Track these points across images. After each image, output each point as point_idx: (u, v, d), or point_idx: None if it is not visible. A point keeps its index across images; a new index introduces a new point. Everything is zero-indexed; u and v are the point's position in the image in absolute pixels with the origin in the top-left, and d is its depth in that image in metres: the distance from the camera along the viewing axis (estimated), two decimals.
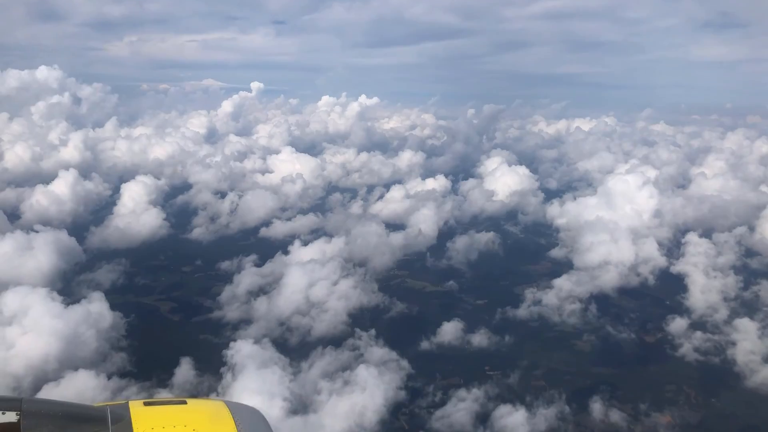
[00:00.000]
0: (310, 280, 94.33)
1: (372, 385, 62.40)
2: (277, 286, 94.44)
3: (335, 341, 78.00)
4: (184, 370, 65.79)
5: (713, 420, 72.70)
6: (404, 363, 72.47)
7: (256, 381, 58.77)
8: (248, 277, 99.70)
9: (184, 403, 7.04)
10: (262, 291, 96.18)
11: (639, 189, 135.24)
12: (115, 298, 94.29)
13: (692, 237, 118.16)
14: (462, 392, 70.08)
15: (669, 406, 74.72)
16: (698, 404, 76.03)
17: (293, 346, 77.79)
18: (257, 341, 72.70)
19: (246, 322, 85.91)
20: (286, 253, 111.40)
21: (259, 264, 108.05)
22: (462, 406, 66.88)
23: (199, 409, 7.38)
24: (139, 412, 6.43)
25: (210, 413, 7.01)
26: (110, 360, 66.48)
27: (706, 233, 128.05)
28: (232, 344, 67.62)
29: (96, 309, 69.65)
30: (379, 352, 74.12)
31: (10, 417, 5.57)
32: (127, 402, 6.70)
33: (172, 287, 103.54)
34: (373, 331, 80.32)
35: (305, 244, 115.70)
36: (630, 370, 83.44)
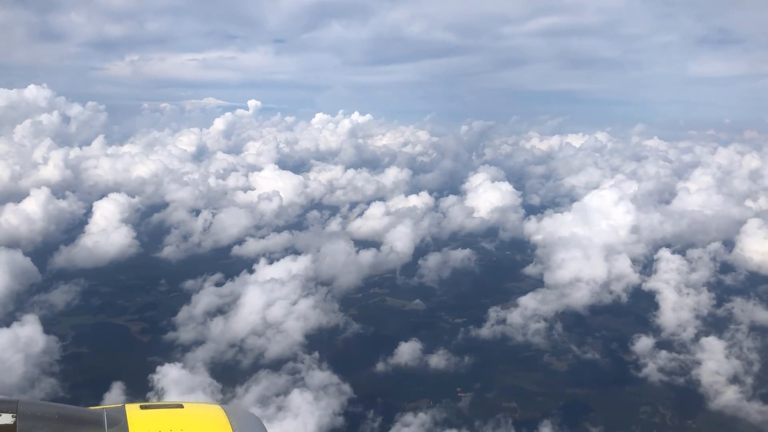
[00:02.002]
0: (269, 299, 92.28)
1: (305, 411, 59.96)
2: (235, 306, 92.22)
3: (276, 365, 75.56)
4: (114, 395, 63.44)
5: None
6: (346, 387, 69.80)
7: None
8: (207, 297, 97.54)
9: (181, 407, 6.96)
10: (219, 311, 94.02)
11: (615, 205, 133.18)
12: (67, 319, 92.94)
13: (665, 253, 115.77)
14: (409, 417, 67.55)
15: (639, 428, 72.35)
16: (668, 426, 73.39)
17: (241, 369, 75.42)
18: (198, 365, 70.40)
19: (198, 343, 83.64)
20: (251, 272, 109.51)
21: (223, 283, 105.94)
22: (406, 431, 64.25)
23: (195, 413, 7.22)
24: (135, 415, 6.36)
25: (206, 417, 6.94)
26: (38, 386, 64.23)
27: (684, 249, 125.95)
28: (159, 368, 65.37)
29: (27, 333, 67.37)
30: (320, 375, 71.62)
31: (6, 419, 5.47)
32: (124, 406, 6.63)
33: (129, 308, 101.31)
34: (316, 354, 77.77)
35: (271, 262, 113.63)
36: (594, 391, 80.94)
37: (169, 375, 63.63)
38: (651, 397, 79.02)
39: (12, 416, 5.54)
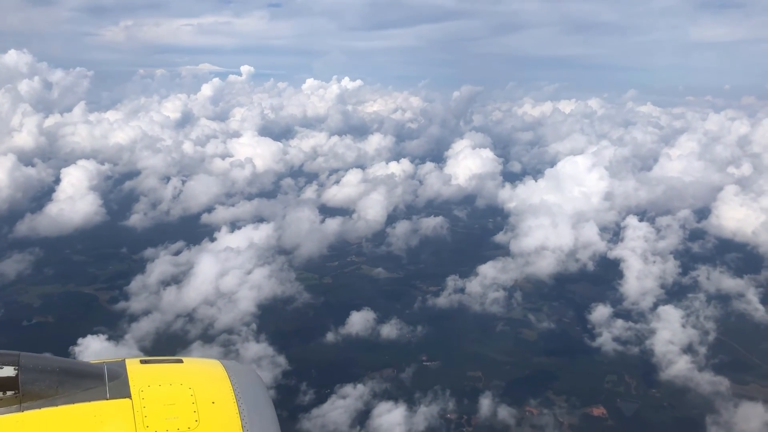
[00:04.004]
0: (223, 268, 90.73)
1: None
2: (188, 276, 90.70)
3: (216, 337, 74.24)
4: None
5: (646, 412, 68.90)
6: (281, 359, 68.45)
7: None
8: (162, 265, 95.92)
9: (180, 361, 6.97)
10: (174, 280, 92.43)
11: (589, 171, 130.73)
12: (15, 289, 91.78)
13: (632, 221, 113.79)
14: (348, 388, 66.27)
15: (603, 396, 71.45)
16: (632, 395, 72.30)
17: (179, 341, 73.97)
18: (127, 337, 68.97)
19: (146, 313, 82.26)
20: (213, 240, 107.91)
21: (181, 252, 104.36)
22: (340, 404, 63.02)
23: (194, 367, 7.27)
24: (135, 369, 6.39)
25: (206, 372, 7.00)
26: None
27: (656, 216, 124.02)
28: (80, 340, 64.00)
29: None
30: (255, 348, 70.27)
31: (8, 371, 5.55)
32: (124, 360, 6.61)
33: (83, 276, 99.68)
34: (254, 326, 76.38)
35: (236, 230, 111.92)
36: (557, 360, 79.54)
37: (90, 347, 62.25)
38: (614, 366, 77.78)
39: (14, 369, 5.60)
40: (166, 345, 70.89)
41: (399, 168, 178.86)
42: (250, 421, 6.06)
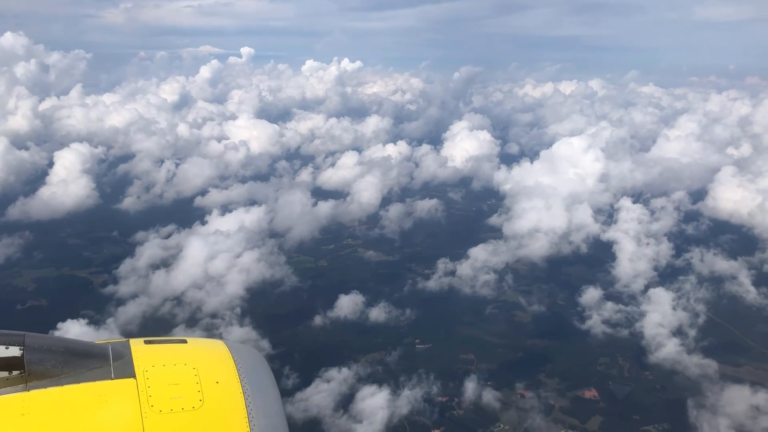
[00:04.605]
0: (211, 252, 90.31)
1: None
2: (177, 260, 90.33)
3: (201, 321, 74.01)
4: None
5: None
6: (264, 343, 68.09)
7: None
8: (152, 249, 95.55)
9: (184, 342, 7.00)
10: (163, 264, 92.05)
11: (585, 153, 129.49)
12: (8, 273, 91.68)
13: (626, 202, 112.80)
14: (333, 372, 66.00)
15: (595, 378, 71.31)
16: (625, 378, 72.09)
17: (165, 325, 73.68)
18: (109, 321, 68.76)
19: (134, 297, 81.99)
20: (204, 223, 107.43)
21: (172, 235, 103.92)
22: (324, 387, 62.80)
23: (198, 347, 7.25)
24: (139, 349, 6.40)
25: (210, 352, 7.02)
26: None
27: (653, 197, 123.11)
28: (59, 325, 63.72)
29: None
30: (238, 331, 69.98)
31: (14, 351, 5.60)
32: (128, 340, 6.64)
33: (78, 260, 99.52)
34: (238, 310, 76.08)
35: (223, 214, 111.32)
36: (549, 342, 79.16)
37: (71, 332, 61.97)
38: (607, 349, 77.41)
39: (19, 349, 5.64)
40: (152, 329, 70.57)
41: (396, 150, 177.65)
42: (253, 400, 6.11)
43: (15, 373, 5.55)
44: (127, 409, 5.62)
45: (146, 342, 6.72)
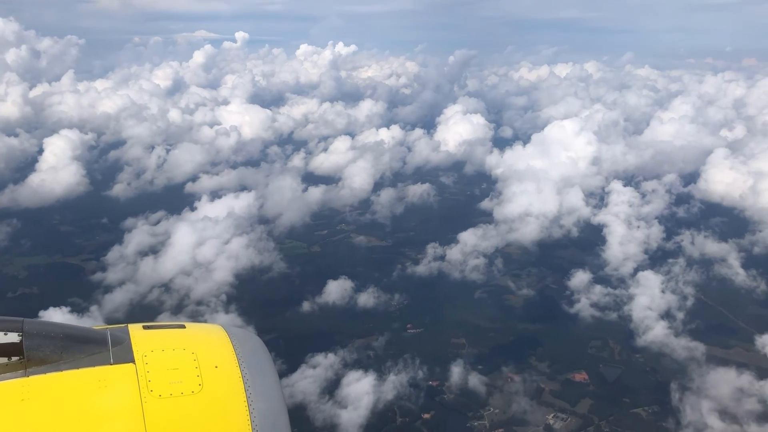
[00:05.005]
0: (200, 238, 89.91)
1: None
2: (165, 246, 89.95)
3: (187, 308, 73.75)
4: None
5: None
6: (250, 330, 67.74)
7: None
8: (140, 235, 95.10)
9: (183, 327, 6.98)
10: (152, 250, 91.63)
11: (576, 136, 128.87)
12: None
13: (616, 185, 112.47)
14: (320, 358, 65.93)
15: (586, 362, 71.23)
16: (616, 361, 72.11)
17: (150, 312, 73.35)
18: (93, 308, 68.47)
19: (121, 283, 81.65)
20: (194, 210, 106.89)
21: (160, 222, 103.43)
22: (310, 373, 62.71)
23: (197, 332, 7.18)
24: (138, 335, 6.40)
25: (208, 337, 6.93)
26: None
27: (645, 180, 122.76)
28: (41, 313, 63.44)
29: None
30: (223, 319, 69.62)
31: (13, 338, 5.59)
32: (126, 325, 6.57)
33: (69, 247, 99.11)
34: (224, 296, 75.88)
35: (217, 199, 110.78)
36: (539, 326, 79.03)
37: (54, 319, 61.56)
38: (598, 332, 77.38)
39: (18, 335, 5.64)
40: (138, 316, 70.26)
41: (389, 135, 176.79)
42: (252, 384, 6.10)
43: (14, 359, 5.54)
44: (126, 394, 5.62)
45: (145, 327, 6.74)
